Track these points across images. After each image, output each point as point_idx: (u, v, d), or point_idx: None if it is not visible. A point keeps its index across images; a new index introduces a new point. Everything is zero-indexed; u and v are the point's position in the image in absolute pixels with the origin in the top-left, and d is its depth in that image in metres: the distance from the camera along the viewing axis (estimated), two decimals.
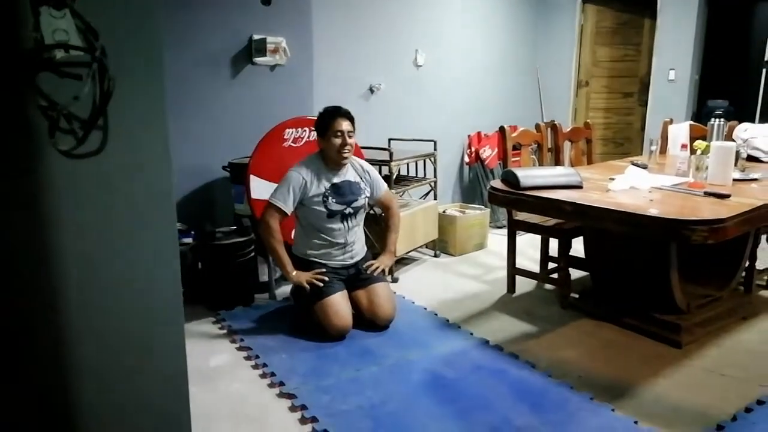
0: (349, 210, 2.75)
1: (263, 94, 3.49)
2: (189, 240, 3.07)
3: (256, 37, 3.37)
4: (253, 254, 3.07)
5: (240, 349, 2.54)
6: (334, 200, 2.71)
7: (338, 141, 2.66)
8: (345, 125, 2.67)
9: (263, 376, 2.31)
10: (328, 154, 2.71)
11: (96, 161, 1.07)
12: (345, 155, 2.70)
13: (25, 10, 0.99)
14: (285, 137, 3.11)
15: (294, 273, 2.69)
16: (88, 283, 1.12)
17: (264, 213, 2.70)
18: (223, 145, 3.33)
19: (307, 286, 2.63)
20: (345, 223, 2.75)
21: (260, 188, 2.99)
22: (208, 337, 2.67)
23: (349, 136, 2.69)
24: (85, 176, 1.08)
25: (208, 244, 2.95)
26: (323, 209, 2.69)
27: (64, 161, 1.04)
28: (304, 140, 3.15)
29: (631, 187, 2.53)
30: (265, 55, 3.39)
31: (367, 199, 2.84)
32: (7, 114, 1.01)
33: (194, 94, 3.23)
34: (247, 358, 2.46)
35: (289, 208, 2.66)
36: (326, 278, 2.66)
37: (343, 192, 2.74)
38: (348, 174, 2.79)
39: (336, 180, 2.74)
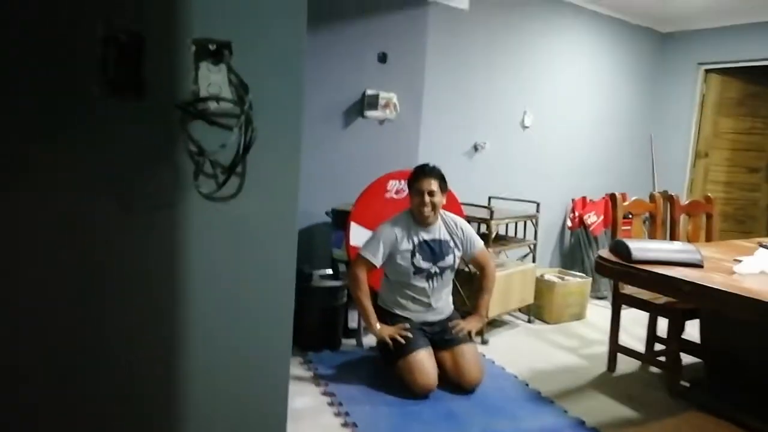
0: (435, 269, 2.72)
1: (371, 146, 3.61)
2: None
3: (369, 92, 3.53)
4: (345, 300, 3.11)
5: (324, 393, 2.55)
6: (421, 257, 2.69)
7: (417, 200, 2.68)
8: (426, 185, 2.66)
9: (345, 425, 2.28)
10: (414, 209, 2.73)
11: (231, 204, 1.14)
12: (425, 214, 2.68)
13: (188, 65, 1.11)
14: (388, 188, 3.17)
15: (378, 327, 2.68)
16: (210, 318, 1.18)
17: (353, 264, 2.75)
18: (328, 191, 3.45)
19: (390, 342, 2.61)
20: (430, 282, 2.73)
21: (359, 235, 3.05)
22: (293, 377, 2.69)
23: (431, 195, 2.66)
24: (220, 218, 1.16)
25: (303, 285, 3.03)
26: (410, 266, 2.69)
27: (203, 202, 1.13)
28: (405, 192, 3.19)
29: (761, 272, 2.30)
30: (376, 110, 3.52)
31: (456, 259, 2.80)
32: (161, 155, 1.11)
33: (306, 142, 3.38)
34: (331, 404, 2.45)
35: (378, 262, 2.68)
36: (410, 335, 2.62)
37: (431, 250, 2.72)
38: (439, 232, 2.77)
39: (425, 237, 2.72)
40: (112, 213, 1.09)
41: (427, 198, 2.66)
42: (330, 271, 3.17)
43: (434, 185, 2.68)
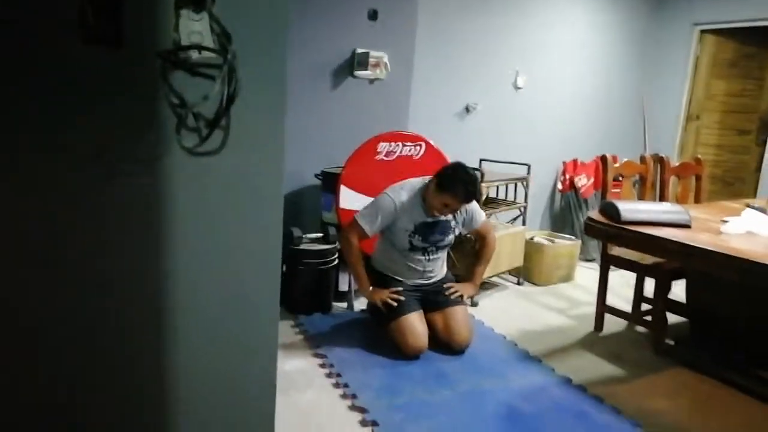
0: (432, 248, 2.71)
1: (360, 107, 3.55)
2: None
3: (359, 50, 3.45)
4: (335, 262, 3.11)
5: (316, 356, 2.57)
6: (420, 238, 2.65)
7: (440, 206, 2.55)
8: (459, 206, 2.57)
9: (336, 386, 2.31)
10: (429, 201, 2.59)
11: (215, 159, 1.11)
12: (437, 215, 2.62)
13: (168, 12, 1.05)
14: (378, 150, 3.14)
15: (370, 290, 2.68)
16: (194, 273, 1.16)
17: (347, 229, 2.70)
18: (317, 154, 3.41)
19: (381, 306, 2.62)
20: (426, 256, 2.72)
21: (349, 198, 3.04)
22: (285, 341, 2.71)
23: (456, 210, 2.61)
24: (203, 173, 1.13)
25: (293, 248, 3.02)
26: (407, 243, 2.66)
27: (186, 157, 1.09)
28: (396, 155, 3.16)
29: (747, 232, 2.32)
30: (366, 69, 3.45)
31: (455, 235, 2.77)
32: (141, 107, 1.07)
33: (295, 101, 3.33)
34: (322, 365, 2.48)
35: (372, 233, 2.63)
36: (402, 298, 2.63)
37: (431, 231, 2.67)
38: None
39: (429, 219, 2.64)
40: (92, 167, 1.06)
41: (451, 209, 2.58)
42: (320, 235, 3.16)
43: (461, 206, 2.60)
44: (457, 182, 2.48)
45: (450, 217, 2.69)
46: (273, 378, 1.29)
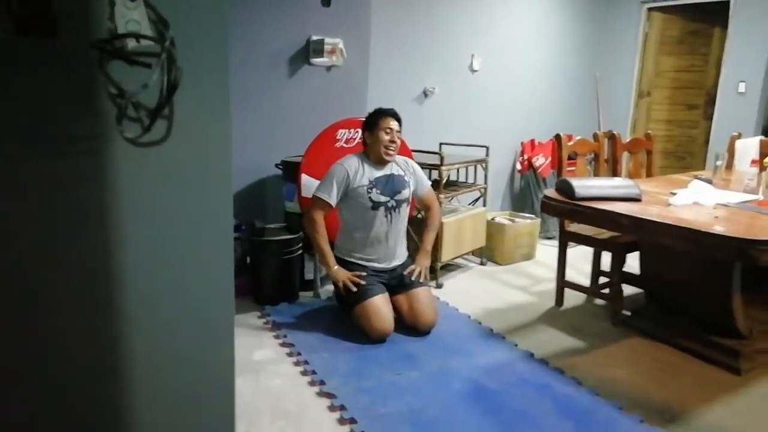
0: (392, 202, 2.76)
1: (318, 95, 3.52)
2: (239, 235, 3.13)
3: (314, 37, 3.41)
4: (300, 251, 3.10)
5: (283, 344, 2.57)
6: (378, 191, 2.73)
7: (386, 137, 2.71)
8: (394, 124, 2.74)
9: (304, 373, 2.32)
10: (373, 150, 2.75)
11: (159, 150, 1.09)
12: (390, 152, 2.74)
13: (102, 1, 1.03)
14: (337, 137, 3.13)
15: (336, 268, 2.72)
16: (142, 269, 1.14)
17: (309, 207, 2.76)
18: (277, 143, 3.38)
19: (343, 287, 2.66)
20: (388, 217, 2.76)
21: (311, 186, 3.01)
22: (252, 331, 2.71)
23: (397, 135, 2.74)
24: (147, 164, 1.10)
25: (256, 239, 3.00)
26: (367, 201, 2.71)
27: (129, 148, 1.07)
28: (356, 141, 3.16)
29: (694, 203, 2.41)
30: (322, 56, 3.42)
31: (410, 192, 2.85)
32: (79, 98, 1.05)
33: (251, 91, 3.29)
34: (290, 354, 2.48)
35: (333, 200, 2.70)
36: (363, 282, 2.67)
37: (387, 183, 2.76)
38: (392, 168, 2.82)
39: (379, 174, 2.77)
40: (30, 163, 1.03)
41: (394, 136, 2.73)
42: (283, 224, 3.14)
43: (397, 125, 2.75)
44: (376, 113, 2.77)
45: (402, 172, 2.83)
46: (231, 363, 1.29)
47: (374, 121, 2.74)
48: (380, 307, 2.60)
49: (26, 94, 1.02)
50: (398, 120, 2.77)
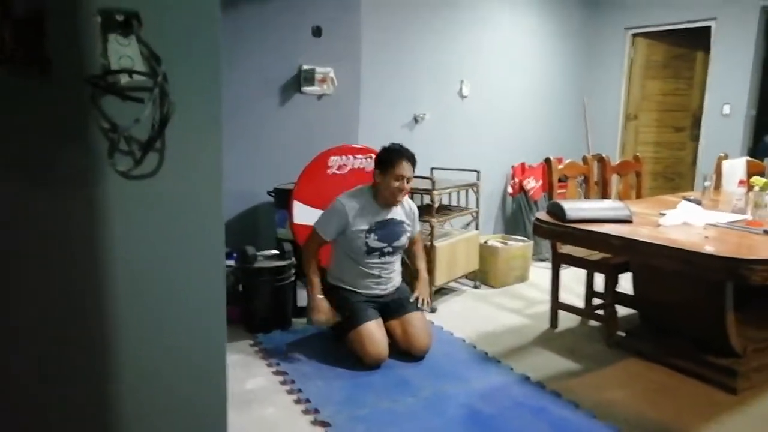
0: (388, 248, 2.75)
1: (309, 123, 3.57)
2: (231, 262, 3.12)
3: (305, 66, 3.47)
4: (293, 279, 3.10)
5: (276, 373, 2.54)
6: (376, 238, 2.69)
7: (396, 184, 2.64)
8: (408, 170, 2.65)
9: (298, 402, 2.30)
10: (382, 192, 2.69)
11: (151, 183, 1.11)
12: (399, 200, 2.71)
13: (95, 38, 1.05)
14: (329, 165, 3.15)
15: (319, 297, 2.70)
16: (135, 300, 1.15)
17: (307, 239, 2.77)
18: (269, 171, 3.40)
19: (312, 318, 2.72)
20: (382, 259, 2.75)
21: (303, 214, 3.04)
22: (245, 360, 2.68)
23: (408, 182, 2.68)
24: (139, 197, 1.12)
25: (249, 267, 2.99)
26: (363, 245, 2.69)
27: (121, 181, 1.09)
28: (348, 168, 3.19)
29: (683, 223, 2.44)
30: (314, 85, 3.48)
31: (408, 238, 2.83)
32: (71, 132, 1.06)
33: (243, 120, 3.33)
34: (283, 382, 2.45)
35: (329, 237, 2.69)
36: (337, 319, 2.68)
37: (387, 230, 2.72)
38: (396, 213, 2.77)
39: (383, 217, 2.71)
40: (24, 197, 1.04)
41: (405, 184, 2.66)
42: (275, 252, 3.14)
43: (410, 170, 2.67)
44: (392, 153, 2.64)
45: (404, 218, 2.79)
46: (223, 396, 1.28)
47: (387, 163, 2.64)
48: (374, 332, 2.59)
49: (20, 129, 1.03)
50: (413, 163, 2.68)
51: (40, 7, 1.03)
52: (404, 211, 2.82)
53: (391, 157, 2.64)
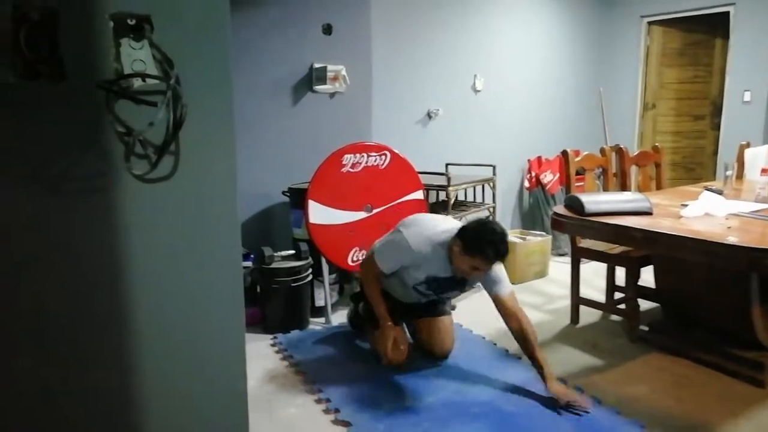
0: (434, 297, 2.59)
1: (322, 121, 3.56)
2: (248, 263, 3.13)
3: (316, 65, 3.46)
4: (310, 278, 3.10)
5: (296, 373, 2.54)
6: (426, 287, 2.48)
7: (468, 269, 2.28)
8: (488, 268, 2.28)
9: (318, 401, 2.29)
10: (456, 263, 2.30)
11: (167, 186, 1.11)
12: (464, 277, 2.39)
13: (108, 42, 1.05)
14: (343, 163, 3.14)
15: (389, 324, 2.45)
16: (152, 303, 1.15)
17: (365, 261, 2.59)
18: (283, 171, 3.40)
19: (382, 352, 2.45)
20: (427, 298, 2.61)
21: (318, 213, 3.03)
22: (264, 360, 2.68)
23: (485, 271, 2.31)
24: (156, 200, 1.12)
25: (266, 268, 3.00)
26: (412, 289, 2.51)
27: (137, 185, 1.09)
28: (362, 166, 3.17)
29: (705, 214, 2.39)
30: (325, 83, 3.47)
31: (461, 291, 2.62)
32: (87, 137, 1.06)
33: (256, 120, 3.33)
34: (303, 382, 2.46)
35: (387, 270, 2.46)
36: (404, 350, 2.47)
37: (444, 286, 2.49)
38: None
39: (445, 274, 2.40)
40: (41, 202, 1.04)
41: (480, 273, 2.31)
42: (292, 252, 3.14)
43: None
44: (484, 244, 2.19)
45: (467, 278, 2.44)
46: (244, 397, 1.28)
47: (476, 251, 2.20)
48: (396, 338, 2.50)
49: (36, 134, 1.04)
50: (502, 261, 2.30)
51: (53, 12, 1.04)
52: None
53: (480, 249, 2.20)
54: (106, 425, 1.15)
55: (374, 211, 3.20)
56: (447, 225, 2.43)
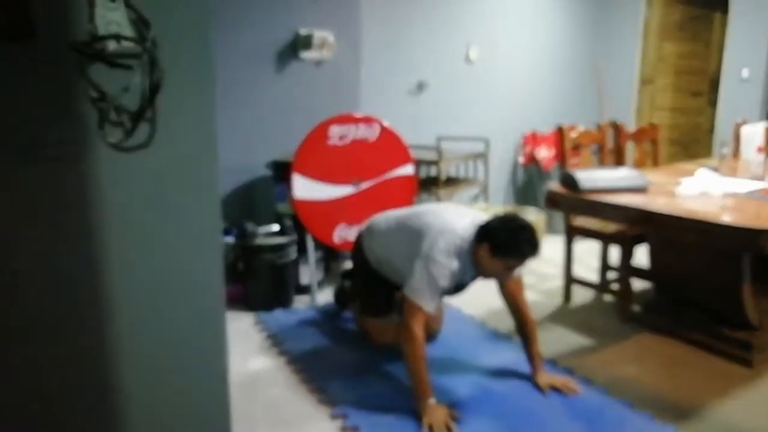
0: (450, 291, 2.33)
1: (308, 91, 3.43)
2: (230, 239, 3.03)
3: (302, 31, 3.32)
4: (294, 256, 3.01)
5: (280, 353, 2.48)
6: (448, 292, 2.25)
7: (501, 271, 2.16)
8: (521, 265, 2.17)
9: (303, 381, 2.25)
10: (483, 267, 2.13)
11: (143, 154, 1.04)
12: (493, 278, 2.27)
13: (81, 2, 0.96)
14: (330, 135, 3.02)
15: (432, 404, 2.01)
16: (130, 276, 1.09)
17: (410, 319, 2.08)
18: (266, 143, 3.28)
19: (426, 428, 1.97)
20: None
21: (304, 187, 2.93)
22: (247, 339, 2.62)
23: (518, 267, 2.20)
24: (132, 169, 1.06)
25: (248, 243, 2.91)
26: None
27: (112, 153, 1.02)
28: (350, 138, 3.06)
29: (701, 193, 2.34)
30: (311, 50, 3.33)
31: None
32: (59, 103, 0.99)
33: (237, 89, 3.20)
34: (287, 362, 2.40)
35: (433, 309, 2.17)
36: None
37: (462, 287, 2.30)
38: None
39: (468, 281, 2.26)
40: (12, 171, 0.96)
41: (512, 270, 2.20)
42: (276, 227, 3.05)
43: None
44: (520, 243, 2.05)
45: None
46: (225, 377, 1.23)
47: (508, 251, 2.06)
48: (385, 326, 2.44)
49: (4, 97, 0.95)
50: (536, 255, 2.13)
51: None
52: None
53: (522, 249, 2.06)
54: (83, 408, 1.10)
55: (362, 185, 3.11)
56: (458, 224, 2.19)
